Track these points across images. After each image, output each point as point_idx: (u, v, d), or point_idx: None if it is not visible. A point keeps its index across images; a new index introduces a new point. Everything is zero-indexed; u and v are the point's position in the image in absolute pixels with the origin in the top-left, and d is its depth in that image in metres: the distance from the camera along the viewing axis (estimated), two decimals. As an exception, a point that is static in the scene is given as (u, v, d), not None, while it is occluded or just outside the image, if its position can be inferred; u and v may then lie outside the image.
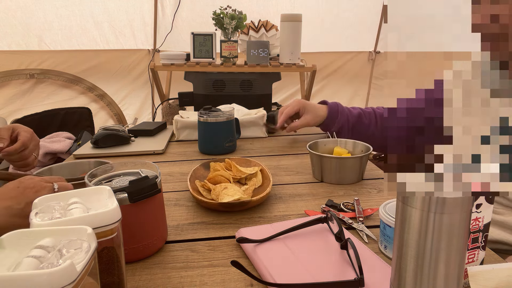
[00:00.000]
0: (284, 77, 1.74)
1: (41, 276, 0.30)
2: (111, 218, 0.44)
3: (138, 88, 2.97)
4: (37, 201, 0.45)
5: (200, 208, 0.79)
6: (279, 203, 0.80)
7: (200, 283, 0.55)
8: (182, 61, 1.70)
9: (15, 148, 0.91)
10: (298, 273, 0.54)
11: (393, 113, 0.30)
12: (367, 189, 0.87)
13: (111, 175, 0.62)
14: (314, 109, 1.23)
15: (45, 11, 2.57)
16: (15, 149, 0.91)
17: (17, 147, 0.91)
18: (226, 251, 0.63)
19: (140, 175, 0.61)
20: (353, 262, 0.54)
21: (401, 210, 0.36)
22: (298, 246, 0.61)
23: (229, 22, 1.62)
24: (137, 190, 0.56)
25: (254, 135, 1.35)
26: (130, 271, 0.58)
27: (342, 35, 2.99)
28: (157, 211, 0.62)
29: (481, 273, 0.44)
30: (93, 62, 2.80)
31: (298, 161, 1.09)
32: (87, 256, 0.35)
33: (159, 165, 0.64)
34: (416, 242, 0.35)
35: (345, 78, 3.17)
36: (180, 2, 2.69)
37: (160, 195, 0.62)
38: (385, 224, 0.60)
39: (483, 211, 0.50)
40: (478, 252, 0.53)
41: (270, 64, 1.69)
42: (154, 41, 2.85)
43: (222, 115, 1.12)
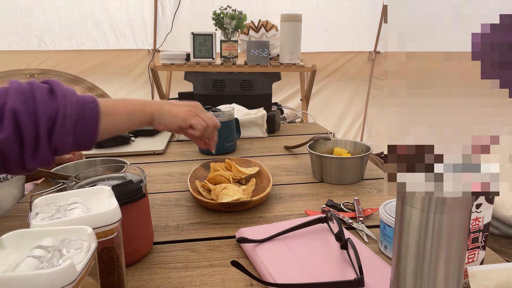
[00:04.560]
0: (284, 77, 1.74)
1: (41, 276, 0.30)
2: (111, 218, 0.44)
3: (138, 88, 2.96)
4: (37, 201, 0.45)
5: (200, 208, 0.79)
6: (279, 203, 0.80)
7: (200, 283, 0.55)
8: (182, 61, 1.70)
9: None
10: (298, 273, 0.54)
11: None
12: (367, 189, 0.87)
13: (95, 179, 0.61)
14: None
15: (45, 11, 2.57)
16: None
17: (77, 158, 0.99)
18: (226, 251, 0.63)
19: (125, 179, 0.60)
20: (353, 262, 0.54)
21: (401, 210, 0.36)
22: (298, 246, 0.61)
23: (229, 22, 1.62)
24: (120, 195, 0.53)
25: (254, 135, 1.35)
26: (130, 271, 0.58)
27: (342, 35, 2.98)
28: (142, 216, 0.60)
29: (481, 273, 0.44)
30: (93, 62, 2.80)
31: (298, 161, 1.09)
32: (87, 256, 0.35)
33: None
34: (416, 242, 0.35)
35: (345, 78, 3.16)
36: (180, 2, 2.69)
37: (145, 199, 0.60)
38: (385, 224, 0.60)
39: (483, 211, 0.50)
40: (478, 252, 0.53)
41: (270, 64, 1.69)
42: (154, 41, 2.85)
43: (222, 115, 1.12)
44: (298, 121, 1.95)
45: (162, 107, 0.69)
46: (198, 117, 0.72)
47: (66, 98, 0.55)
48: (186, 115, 0.70)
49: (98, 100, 0.59)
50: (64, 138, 0.55)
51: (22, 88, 0.53)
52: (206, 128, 0.71)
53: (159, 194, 0.87)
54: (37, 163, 0.54)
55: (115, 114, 0.62)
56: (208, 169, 0.93)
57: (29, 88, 0.54)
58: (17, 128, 0.51)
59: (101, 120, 0.59)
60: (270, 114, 1.40)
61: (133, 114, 0.65)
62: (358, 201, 0.78)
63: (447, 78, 0.31)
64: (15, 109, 0.51)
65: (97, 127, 0.58)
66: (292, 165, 1.05)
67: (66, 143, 0.55)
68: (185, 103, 0.73)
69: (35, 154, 0.53)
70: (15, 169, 0.54)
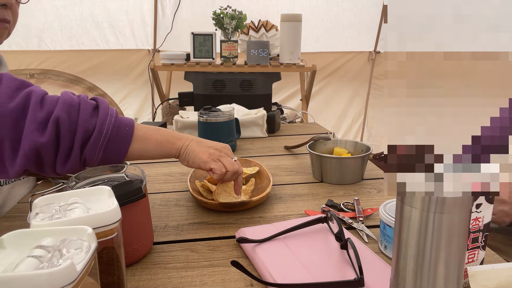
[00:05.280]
0: (284, 77, 1.74)
1: (41, 276, 0.30)
2: (111, 218, 0.44)
3: (138, 88, 2.96)
4: (37, 201, 0.45)
5: (200, 208, 0.79)
6: (279, 203, 0.80)
7: (200, 283, 0.55)
8: (182, 61, 1.70)
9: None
10: (298, 273, 0.54)
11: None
12: (367, 189, 0.87)
13: (95, 179, 0.60)
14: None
15: (45, 11, 2.57)
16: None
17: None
18: (226, 251, 0.63)
19: (125, 179, 0.60)
20: (353, 262, 0.54)
21: (401, 210, 0.36)
22: (298, 246, 0.61)
23: (229, 22, 1.62)
24: (120, 195, 0.53)
25: (254, 135, 1.35)
26: (130, 271, 0.58)
27: (342, 35, 2.99)
28: (142, 216, 0.61)
29: (481, 273, 0.44)
30: (93, 62, 2.80)
31: (298, 161, 1.09)
32: (87, 256, 0.35)
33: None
34: (416, 242, 0.35)
35: (345, 78, 3.17)
36: (180, 2, 2.69)
37: (145, 199, 0.60)
38: (385, 224, 0.60)
39: (483, 211, 0.50)
40: (478, 252, 0.53)
41: (270, 64, 1.69)
42: (154, 41, 2.85)
43: (222, 115, 1.12)
44: (298, 121, 1.95)
45: (189, 144, 0.70)
46: (218, 162, 0.71)
47: (107, 117, 0.61)
48: (208, 158, 0.70)
49: (134, 125, 0.65)
50: (94, 152, 0.60)
51: (71, 101, 0.59)
52: (224, 174, 0.71)
53: (159, 194, 0.87)
54: (66, 169, 0.60)
55: (146, 141, 0.66)
56: (208, 169, 0.93)
57: (77, 102, 0.60)
58: (57, 135, 0.57)
59: (132, 144, 0.64)
60: (270, 114, 1.40)
61: (162, 146, 0.68)
62: (358, 201, 0.78)
63: (447, 78, 0.31)
64: (60, 117, 0.57)
65: (127, 149, 0.63)
66: (292, 165, 1.05)
67: (96, 157, 0.61)
68: (212, 145, 0.74)
69: (66, 160, 0.59)
70: (47, 171, 0.60)
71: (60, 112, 0.57)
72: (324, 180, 0.92)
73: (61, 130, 0.57)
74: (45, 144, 0.56)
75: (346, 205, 0.78)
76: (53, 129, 0.56)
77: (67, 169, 0.60)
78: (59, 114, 0.57)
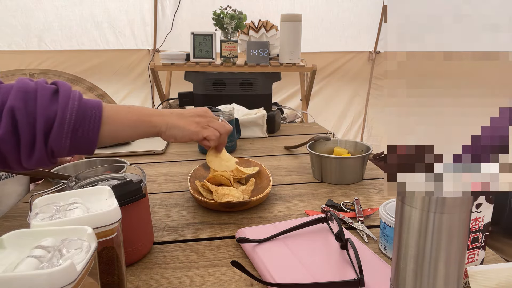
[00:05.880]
0: (284, 77, 1.74)
1: (41, 276, 0.30)
2: (111, 218, 0.44)
3: (138, 88, 2.96)
4: (37, 201, 0.45)
5: (200, 208, 0.79)
6: (279, 203, 0.80)
7: (200, 283, 0.55)
8: (182, 61, 1.70)
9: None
10: (298, 273, 0.54)
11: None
12: (367, 189, 0.87)
13: (95, 179, 0.61)
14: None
15: (45, 11, 2.57)
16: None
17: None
18: (226, 251, 0.63)
19: (125, 179, 0.60)
20: (353, 262, 0.54)
21: (401, 210, 0.36)
22: (298, 246, 0.61)
23: (229, 22, 1.62)
24: (120, 195, 0.52)
25: (254, 135, 1.35)
26: (130, 271, 0.58)
27: (342, 35, 2.98)
28: (142, 216, 0.60)
29: (481, 273, 0.44)
30: (93, 62, 2.80)
31: (298, 161, 1.09)
32: (87, 256, 0.35)
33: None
34: (416, 242, 0.35)
35: (345, 78, 3.16)
36: (180, 2, 2.69)
37: (145, 199, 0.60)
38: (385, 224, 0.60)
39: (483, 211, 0.50)
40: (478, 252, 0.53)
41: (270, 64, 1.69)
42: (154, 41, 2.85)
43: (222, 115, 1.12)
44: (298, 121, 1.95)
45: (169, 120, 0.66)
46: (210, 128, 0.70)
47: (68, 101, 0.55)
48: (197, 127, 0.68)
49: (102, 107, 0.58)
50: (60, 141, 0.54)
51: (26, 87, 0.53)
52: (220, 137, 0.70)
53: (159, 194, 0.87)
54: (33, 163, 0.55)
55: (118, 123, 0.61)
56: (208, 169, 0.93)
57: (34, 88, 0.54)
58: (15, 127, 0.52)
59: (102, 127, 0.58)
60: (270, 114, 1.40)
61: (137, 125, 0.63)
62: (358, 201, 0.78)
63: (447, 78, 0.31)
64: (14, 107, 0.51)
65: (97, 134, 0.58)
66: (292, 165, 1.05)
67: (63, 147, 0.55)
68: (192, 113, 0.70)
69: (31, 153, 0.54)
70: (14, 167, 0.55)
71: (15, 100, 0.51)
72: (324, 180, 0.92)
73: (18, 121, 0.51)
74: (2, 137, 0.51)
75: (346, 205, 0.78)
76: (8, 120, 0.51)
77: (34, 163, 0.55)
78: (13, 103, 0.51)
